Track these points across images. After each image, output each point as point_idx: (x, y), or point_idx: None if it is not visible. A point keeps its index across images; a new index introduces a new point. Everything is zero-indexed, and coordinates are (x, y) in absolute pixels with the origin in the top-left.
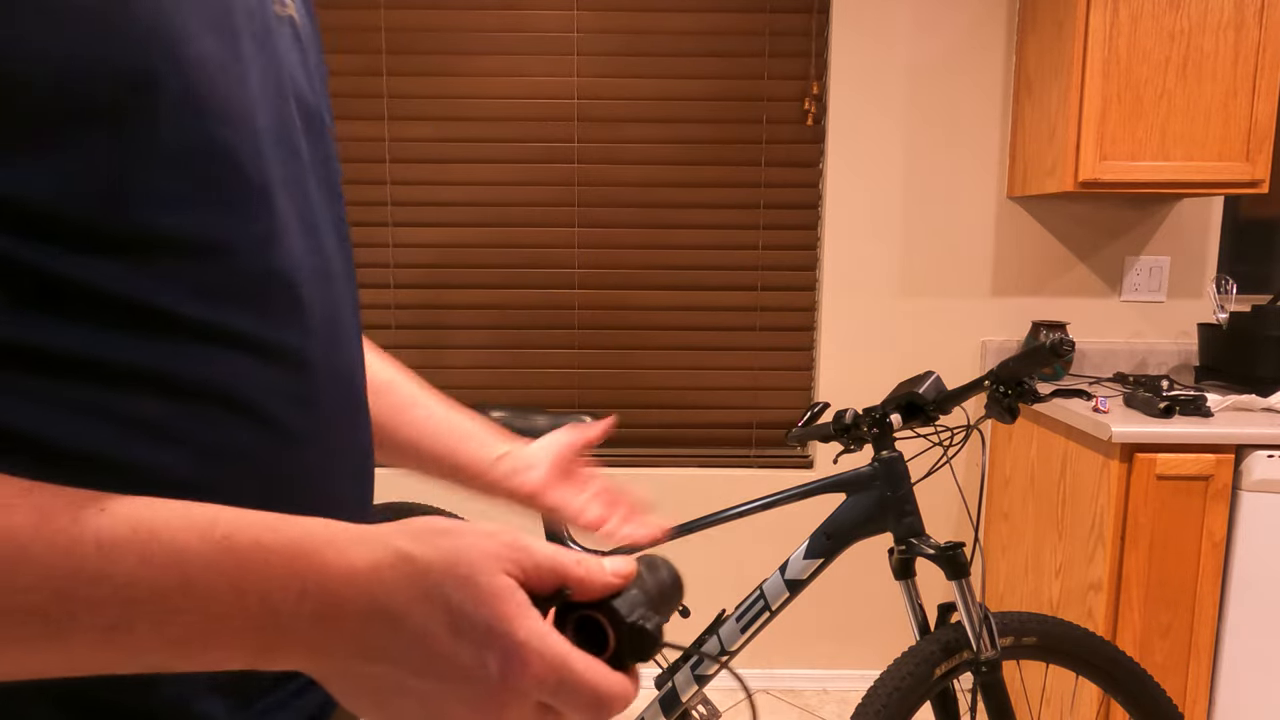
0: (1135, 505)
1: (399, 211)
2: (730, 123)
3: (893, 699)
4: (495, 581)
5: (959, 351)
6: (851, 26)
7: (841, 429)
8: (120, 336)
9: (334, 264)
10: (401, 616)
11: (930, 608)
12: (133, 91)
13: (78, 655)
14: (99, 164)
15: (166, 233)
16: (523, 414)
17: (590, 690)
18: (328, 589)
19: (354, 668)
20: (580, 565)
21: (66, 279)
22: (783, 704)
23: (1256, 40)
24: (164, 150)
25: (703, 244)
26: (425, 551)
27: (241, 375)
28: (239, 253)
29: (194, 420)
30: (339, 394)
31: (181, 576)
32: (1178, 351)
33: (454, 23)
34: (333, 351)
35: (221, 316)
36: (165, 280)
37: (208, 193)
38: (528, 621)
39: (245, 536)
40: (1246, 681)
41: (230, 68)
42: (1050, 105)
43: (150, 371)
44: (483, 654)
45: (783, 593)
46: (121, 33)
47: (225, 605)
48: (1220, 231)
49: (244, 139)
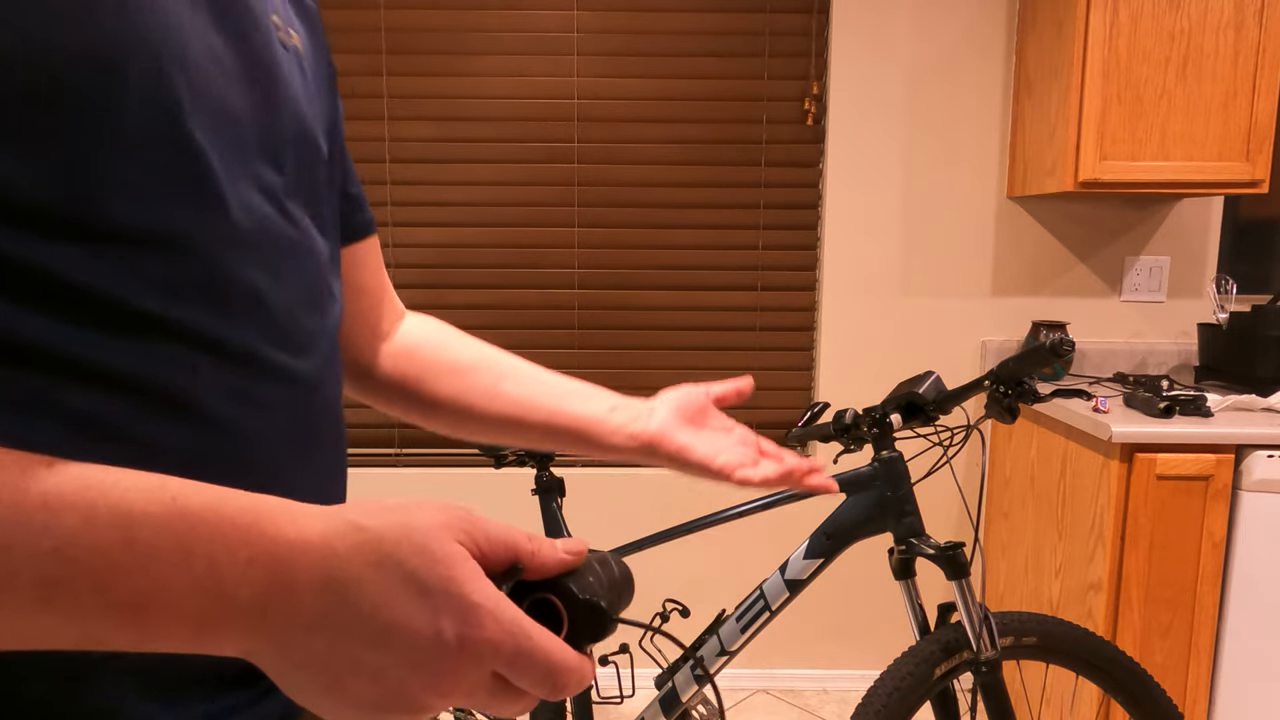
0: (1135, 505)
1: (399, 211)
2: (730, 123)
3: (893, 699)
4: (448, 548)
5: (959, 351)
6: (851, 27)
7: (841, 429)
8: (69, 326)
9: (312, 272)
10: (354, 584)
11: (930, 608)
12: (99, 79)
13: (17, 618)
14: (62, 150)
15: (126, 223)
16: None
17: (545, 661)
18: (278, 556)
19: (303, 642)
20: (532, 542)
21: (21, 262)
22: (783, 704)
23: (1256, 40)
24: (129, 141)
25: (703, 244)
26: (377, 523)
27: (189, 372)
28: (199, 250)
29: (135, 416)
30: (299, 401)
31: (126, 534)
32: (1178, 351)
33: (454, 23)
34: (300, 355)
35: (175, 312)
36: (121, 271)
37: (171, 187)
38: (482, 584)
39: (195, 500)
40: (1246, 681)
41: (210, 72)
42: (1050, 105)
43: (95, 363)
44: (438, 618)
45: (783, 593)
46: (91, 21)
47: (169, 566)
48: (1220, 231)
49: (218, 141)
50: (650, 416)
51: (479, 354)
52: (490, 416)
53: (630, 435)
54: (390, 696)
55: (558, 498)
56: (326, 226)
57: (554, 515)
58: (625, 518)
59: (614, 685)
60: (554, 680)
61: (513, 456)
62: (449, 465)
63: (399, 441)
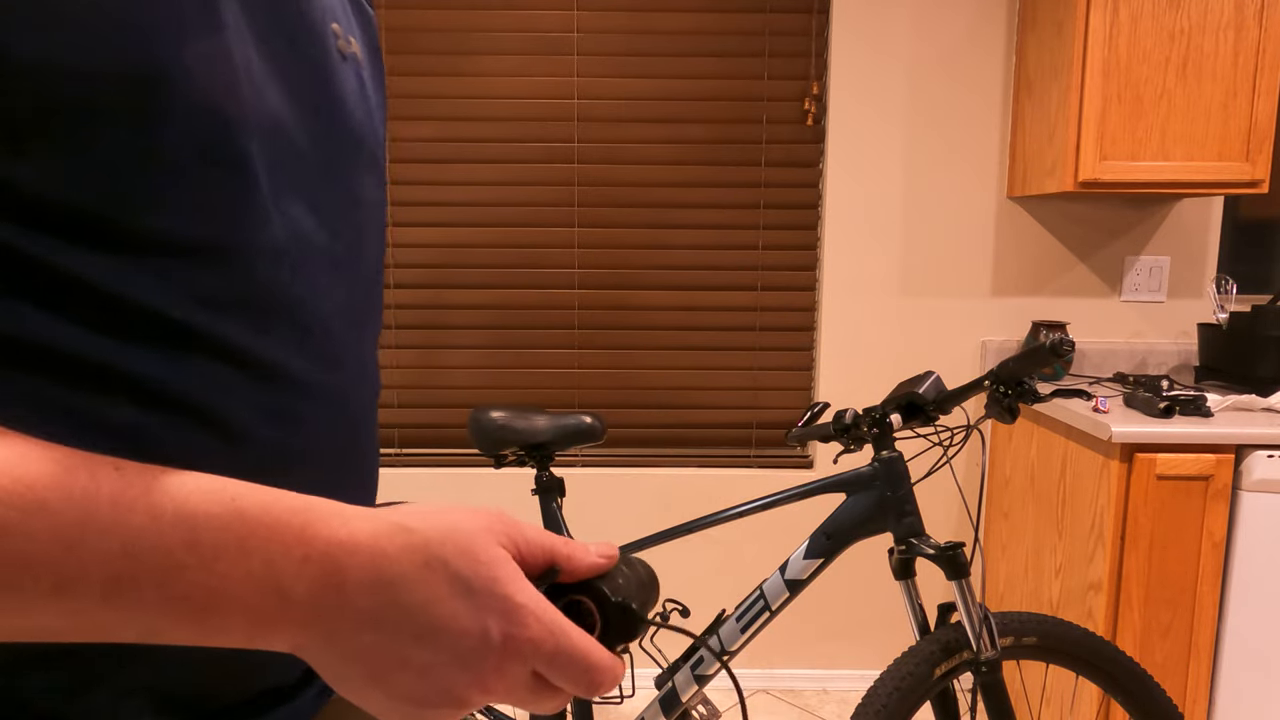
0: (1135, 505)
1: (399, 211)
2: (730, 123)
3: (893, 699)
4: (492, 551)
5: (959, 351)
6: (851, 27)
7: (841, 429)
8: (109, 339)
9: (356, 291)
10: (404, 583)
11: (930, 608)
12: (145, 94)
13: (82, 613)
14: (106, 162)
15: (168, 235)
16: (523, 414)
17: (584, 660)
18: (331, 555)
19: (353, 638)
20: (568, 546)
21: (64, 273)
22: (783, 704)
23: (1256, 40)
24: (174, 155)
25: (703, 244)
26: (424, 525)
27: (221, 387)
28: (241, 264)
29: (167, 430)
30: (331, 417)
31: (190, 534)
32: (1178, 351)
33: (454, 23)
34: (336, 373)
35: (213, 325)
36: (162, 282)
37: (215, 201)
38: (525, 586)
39: (253, 501)
40: (1246, 681)
41: (260, 85)
42: (1050, 105)
43: (131, 376)
44: (483, 616)
45: (783, 593)
46: (137, 36)
47: (230, 564)
48: (1220, 231)
49: (266, 153)
50: None
51: None
52: None
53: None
54: (436, 692)
55: (558, 498)
56: (373, 236)
57: (554, 515)
58: (625, 518)
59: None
60: (590, 678)
61: (513, 456)
62: (449, 465)
63: (399, 441)
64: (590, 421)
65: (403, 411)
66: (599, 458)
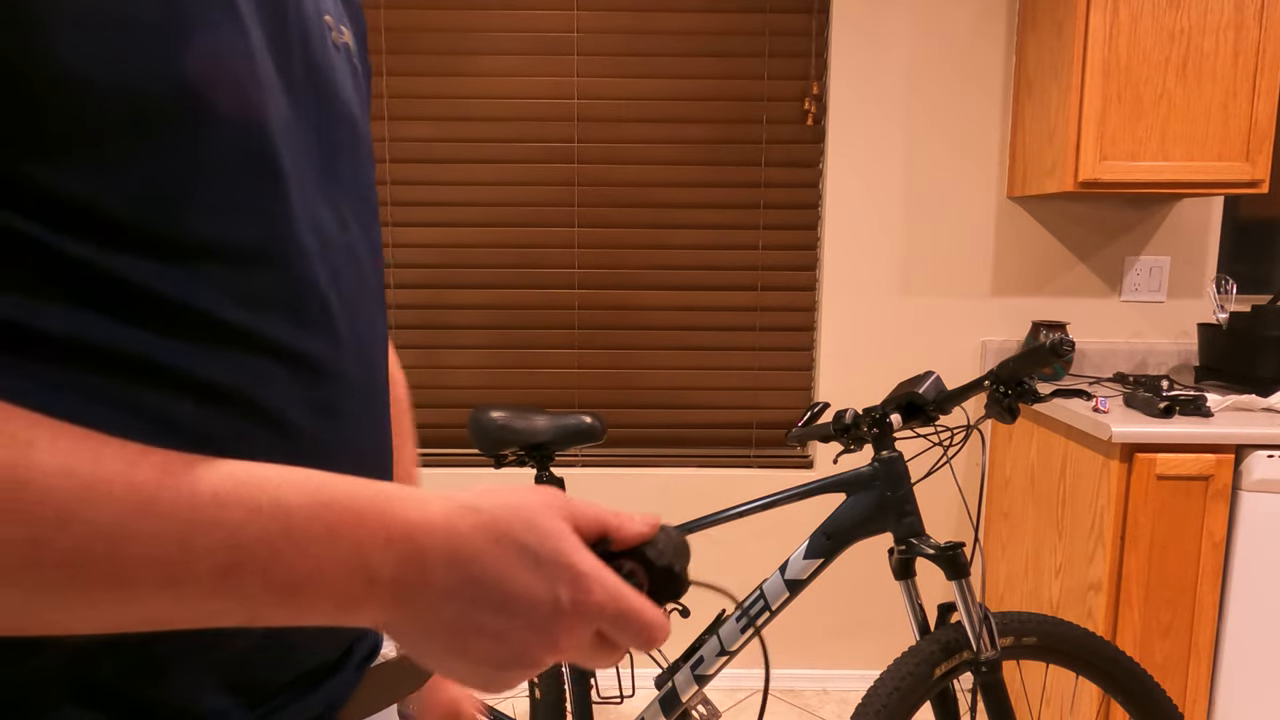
0: (1135, 505)
1: (399, 211)
2: (730, 123)
3: (893, 699)
4: (555, 524)
5: (959, 351)
6: (851, 26)
7: (841, 429)
8: (164, 339)
9: (368, 279)
10: (478, 558)
11: (930, 608)
12: (189, 106)
13: (190, 602)
14: (154, 173)
15: (212, 239)
16: (523, 414)
17: (641, 619)
18: (410, 537)
19: (435, 611)
20: (616, 517)
21: (124, 280)
22: (783, 704)
23: (1256, 40)
24: (218, 163)
25: (703, 244)
26: (490, 504)
27: (270, 382)
28: (279, 262)
29: (222, 423)
30: (364, 405)
31: (285, 523)
32: (1178, 351)
33: (454, 23)
34: (360, 363)
35: (258, 324)
36: (208, 285)
37: (253, 203)
38: (586, 555)
39: (338, 490)
40: (1246, 681)
41: (284, 87)
42: (1050, 105)
43: (187, 373)
44: (554, 585)
45: (783, 593)
46: (180, 50)
47: (323, 549)
48: (1220, 231)
49: (289, 152)
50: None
51: None
52: None
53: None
54: (512, 655)
55: None
56: (375, 225)
57: None
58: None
59: (614, 685)
60: (648, 635)
61: (513, 456)
62: (449, 465)
63: None
64: (590, 421)
65: None
66: (599, 458)
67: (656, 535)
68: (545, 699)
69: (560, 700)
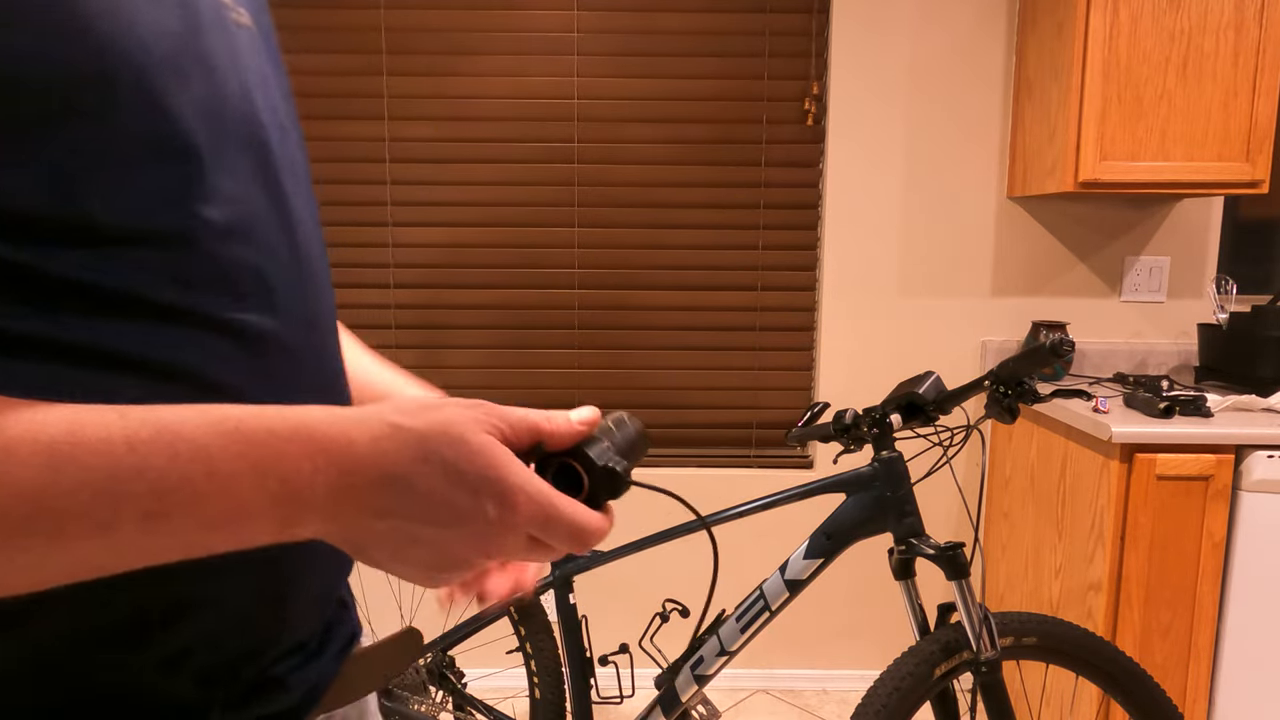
0: (1135, 505)
1: (399, 211)
2: (730, 123)
3: (892, 699)
4: (481, 439)
5: (959, 351)
6: (852, 26)
7: (841, 429)
8: (104, 324)
9: (311, 251)
10: (406, 478)
11: (930, 608)
12: (91, 92)
13: (124, 548)
14: (60, 162)
15: (132, 225)
16: None
17: (570, 523)
18: (337, 464)
19: (369, 526)
20: (549, 420)
21: (48, 273)
22: (783, 704)
23: (1256, 40)
24: (124, 148)
25: (703, 244)
26: (416, 422)
27: (213, 357)
28: (205, 241)
29: (172, 400)
30: (312, 373)
31: (207, 466)
32: (1178, 352)
33: (454, 23)
34: (305, 330)
35: (194, 302)
36: (139, 269)
37: (165, 187)
38: (514, 467)
39: (256, 425)
40: (1246, 681)
41: (191, 68)
42: (1050, 105)
43: (127, 355)
44: (480, 500)
45: (783, 593)
46: (77, 34)
47: (248, 488)
48: (1220, 231)
49: (203, 133)
50: None
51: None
52: None
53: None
54: (445, 560)
55: None
56: (305, 196)
57: None
58: (625, 517)
59: (614, 685)
60: (579, 539)
61: None
62: None
63: None
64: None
65: None
66: None
67: (600, 430)
68: (545, 699)
69: (560, 700)
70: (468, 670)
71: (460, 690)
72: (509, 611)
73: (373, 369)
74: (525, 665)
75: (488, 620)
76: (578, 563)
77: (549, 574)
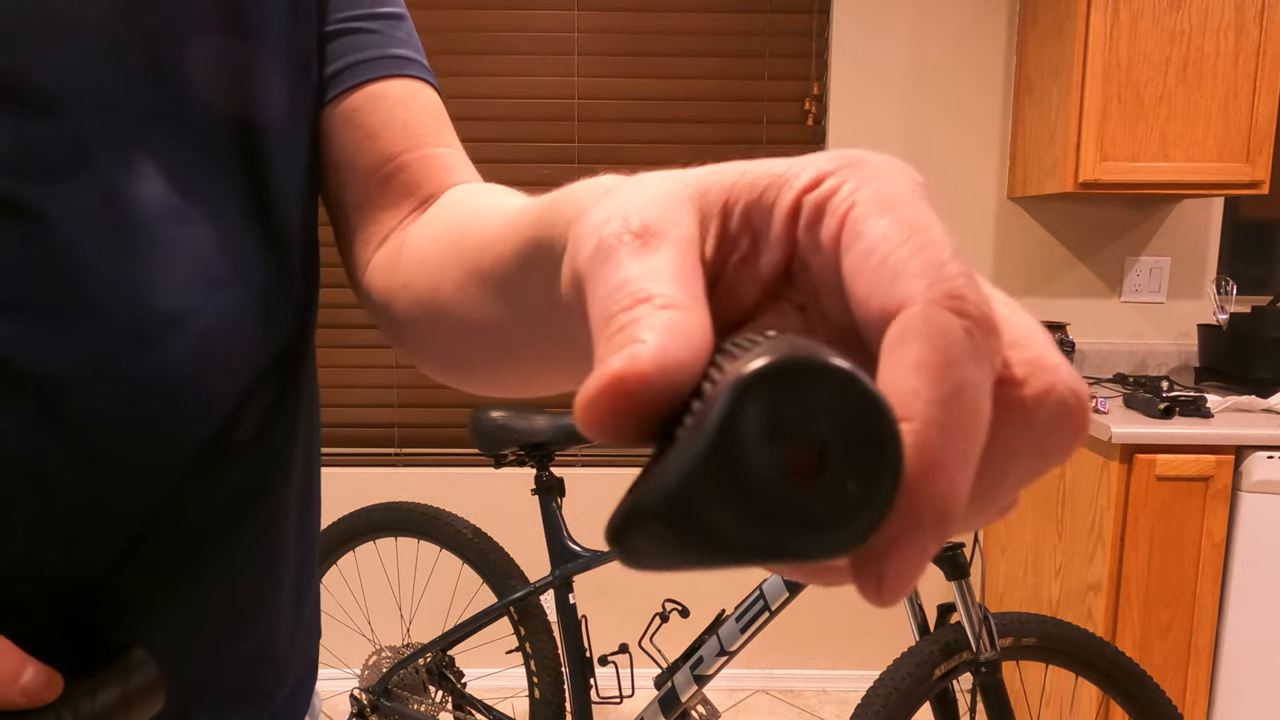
0: (1135, 506)
1: None
2: (730, 123)
3: (892, 699)
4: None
5: None
6: (852, 27)
7: None
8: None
9: (186, 254)
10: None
11: (930, 608)
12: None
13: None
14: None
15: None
16: (522, 414)
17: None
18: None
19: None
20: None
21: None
22: (783, 704)
23: (1257, 42)
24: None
25: None
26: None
27: (20, 345)
28: (47, 228)
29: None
30: (148, 390)
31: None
32: (1178, 352)
33: (454, 23)
34: (143, 348)
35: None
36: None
37: (10, 159)
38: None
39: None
40: (1246, 682)
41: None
42: (1050, 106)
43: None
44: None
45: (782, 593)
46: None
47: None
48: (1220, 232)
49: (77, 97)
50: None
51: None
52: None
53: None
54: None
55: (557, 498)
56: (230, 168)
57: (554, 515)
58: None
59: (614, 685)
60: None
61: (513, 456)
62: (449, 465)
63: (399, 441)
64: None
65: (403, 411)
66: (599, 458)
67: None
68: (544, 699)
69: (560, 700)
70: (467, 670)
71: (460, 690)
72: (509, 611)
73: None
74: (525, 665)
75: (487, 620)
76: (578, 563)
77: (549, 574)
